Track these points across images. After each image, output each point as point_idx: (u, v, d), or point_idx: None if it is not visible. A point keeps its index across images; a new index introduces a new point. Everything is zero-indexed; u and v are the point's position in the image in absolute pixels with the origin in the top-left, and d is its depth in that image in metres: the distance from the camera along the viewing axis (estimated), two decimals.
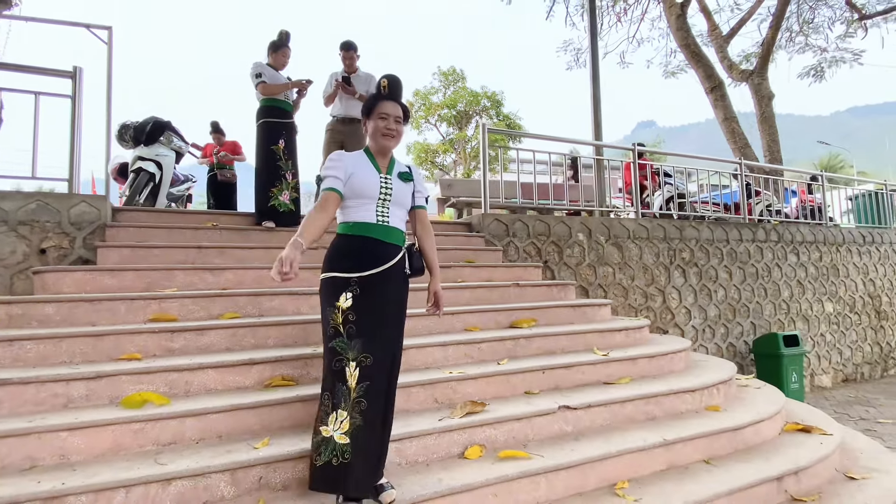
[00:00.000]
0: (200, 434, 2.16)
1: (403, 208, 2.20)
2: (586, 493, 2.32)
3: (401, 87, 2.23)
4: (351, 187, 2.08)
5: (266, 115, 4.24)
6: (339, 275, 2.00)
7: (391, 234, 2.11)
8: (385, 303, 2.03)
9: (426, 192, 2.36)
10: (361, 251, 2.04)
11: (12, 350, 2.39)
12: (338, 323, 1.96)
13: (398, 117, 2.16)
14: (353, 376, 1.90)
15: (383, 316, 2.02)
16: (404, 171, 2.22)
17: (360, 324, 1.95)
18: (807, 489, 2.55)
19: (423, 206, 2.30)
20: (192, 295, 2.93)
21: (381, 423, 1.98)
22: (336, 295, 1.98)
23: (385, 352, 2.00)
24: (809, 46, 12.40)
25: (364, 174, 2.10)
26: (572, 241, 5.23)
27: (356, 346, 1.93)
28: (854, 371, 7.17)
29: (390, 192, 2.12)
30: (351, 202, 2.10)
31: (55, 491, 1.75)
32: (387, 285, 2.04)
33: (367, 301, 1.97)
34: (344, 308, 1.96)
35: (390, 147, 2.17)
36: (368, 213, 2.08)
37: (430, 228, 2.32)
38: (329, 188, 2.08)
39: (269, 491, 2.01)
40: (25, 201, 3.41)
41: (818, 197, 7.80)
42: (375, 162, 2.16)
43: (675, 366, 3.40)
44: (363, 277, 1.99)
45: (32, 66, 3.72)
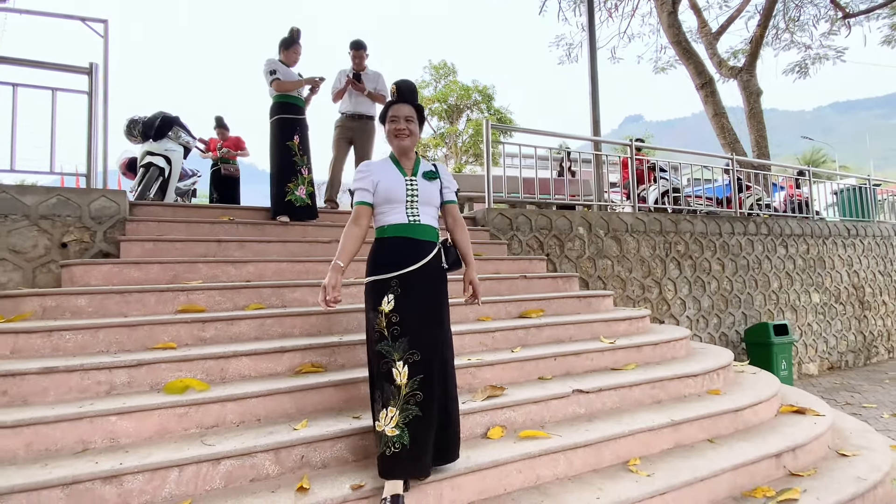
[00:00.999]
0: (241, 417, 2.28)
1: (433, 206, 2.26)
2: (602, 469, 2.48)
3: (412, 90, 2.29)
4: (379, 193, 2.17)
5: (280, 111, 4.32)
6: (379, 277, 2.08)
7: (424, 232, 2.18)
8: (426, 298, 2.11)
9: (454, 186, 2.41)
10: (398, 251, 2.12)
11: (52, 340, 2.48)
12: (382, 327, 2.04)
13: (408, 117, 2.21)
14: (402, 374, 1.99)
15: (426, 311, 2.09)
16: (429, 170, 2.29)
17: (404, 323, 2.03)
18: (803, 465, 2.74)
19: (452, 200, 2.37)
20: (218, 287, 3.03)
21: (442, 410, 2.07)
22: (379, 298, 2.06)
23: (432, 344, 2.07)
24: (795, 43, 12.71)
25: (390, 179, 2.18)
26: (573, 234, 5.39)
27: (401, 346, 2.01)
28: (839, 359, 7.47)
29: (416, 192, 2.19)
30: (382, 207, 2.18)
31: (113, 470, 1.86)
32: (425, 281, 2.12)
33: (408, 300, 2.05)
34: (387, 311, 2.04)
35: (406, 146, 2.22)
36: (399, 215, 2.16)
37: (461, 221, 2.38)
38: (359, 202, 2.19)
39: (310, 469, 2.13)
40: (46, 196, 3.46)
41: (805, 191, 8.07)
42: (400, 165, 2.23)
43: (677, 353, 3.58)
44: (402, 276, 2.07)
45: (49, 63, 3.76)
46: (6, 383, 2.18)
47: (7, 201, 3.36)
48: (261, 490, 1.98)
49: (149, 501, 1.89)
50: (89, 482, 1.83)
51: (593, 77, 6.69)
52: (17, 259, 3.34)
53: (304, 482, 1.98)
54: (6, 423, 1.96)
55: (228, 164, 6.43)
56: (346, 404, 2.49)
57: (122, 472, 1.87)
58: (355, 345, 2.78)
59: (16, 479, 1.78)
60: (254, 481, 2.05)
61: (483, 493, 2.21)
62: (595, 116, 6.53)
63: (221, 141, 6.55)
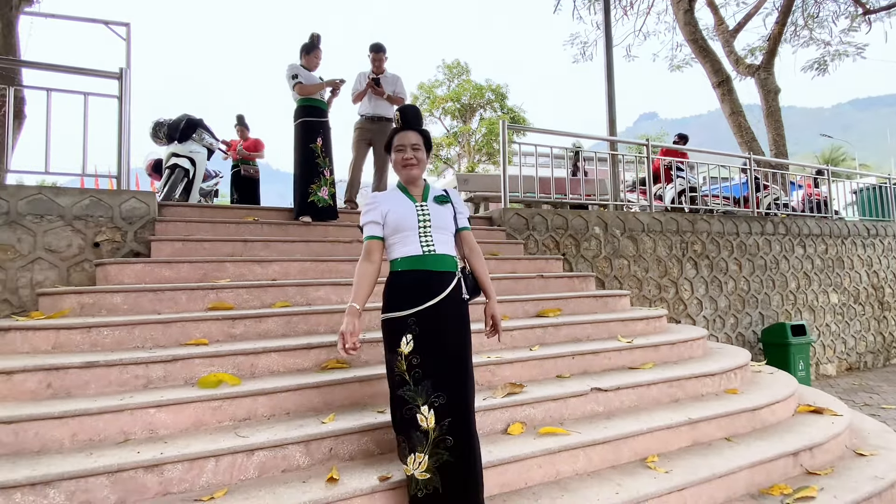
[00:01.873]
0: (271, 411, 2.37)
1: (448, 232, 2.14)
2: (620, 465, 2.53)
3: (417, 116, 2.19)
4: (389, 224, 2.06)
5: (304, 114, 4.43)
6: (396, 314, 1.98)
7: (441, 262, 2.05)
8: (448, 334, 1.99)
9: (467, 212, 2.31)
10: (414, 286, 2.00)
11: (90, 336, 2.59)
12: (402, 370, 1.94)
13: (414, 145, 2.11)
14: (429, 419, 1.90)
15: (449, 349, 1.98)
16: (440, 194, 2.18)
17: (425, 365, 1.93)
18: (820, 464, 2.77)
19: (466, 227, 2.25)
20: (245, 285, 3.13)
21: (469, 452, 1.93)
22: (396, 338, 1.97)
23: (457, 383, 1.96)
24: (813, 40, 12.53)
25: (399, 207, 2.08)
26: (589, 234, 5.43)
27: (425, 390, 1.91)
28: (857, 360, 7.39)
29: (428, 217, 2.08)
30: (394, 238, 2.07)
31: (154, 460, 1.96)
32: (446, 316, 2.00)
33: (429, 339, 1.95)
34: (406, 353, 1.94)
35: (415, 176, 2.13)
36: (413, 244, 2.04)
37: (478, 249, 2.25)
38: (369, 237, 2.09)
39: (338, 461, 2.22)
40: (80, 197, 3.60)
41: (824, 190, 7.99)
42: (409, 193, 2.14)
43: (694, 352, 3.61)
44: (420, 312, 1.96)
45: (80, 68, 3.89)
46: (50, 377, 2.30)
47: (43, 202, 3.50)
48: (292, 480, 2.07)
49: (188, 489, 1.99)
50: (132, 470, 1.93)
51: (609, 76, 6.69)
52: (53, 258, 3.48)
53: (334, 473, 2.06)
54: (53, 414, 2.07)
55: (248, 165, 6.57)
56: (370, 399, 2.57)
57: (162, 462, 1.96)
58: (378, 342, 2.83)
59: (64, 466, 1.89)
60: (285, 472, 2.14)
61: (504, 486, 2.28)
62: (611, 115, 6.55)
63: (241, 140, 6.70)
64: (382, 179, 5.32)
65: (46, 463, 1.91)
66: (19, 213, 3.41)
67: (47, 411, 2.07)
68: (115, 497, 1.90)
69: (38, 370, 2.26)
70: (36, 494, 1.82)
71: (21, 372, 2.24)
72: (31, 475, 1.81)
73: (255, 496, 1.94)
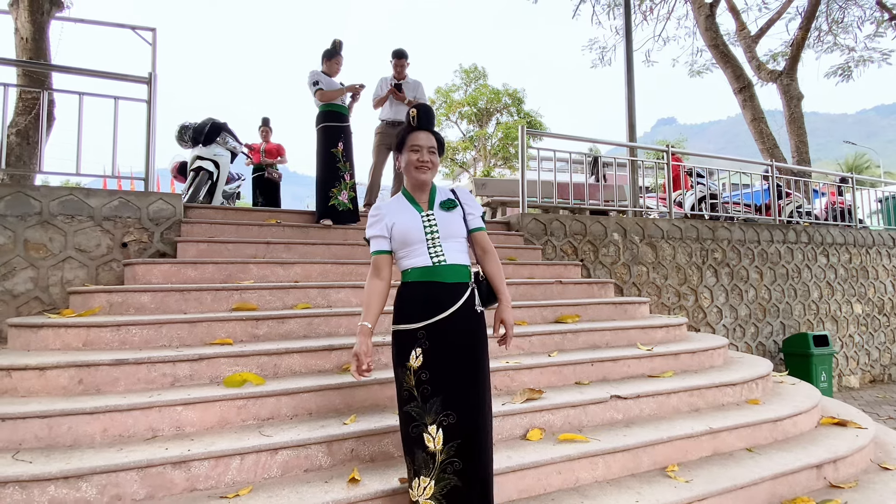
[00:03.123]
0: (294, 411, 2.41)
1: (458, 239, 2.02)
2: (639, 474, 2.52)
3: (433, 117, 2.09)
4: (395, 237, 1.97)
5: (325, 119, 4.50)
6: (405, 327, 1.90)
7: (452, 273, 1.94)
8: (460, 349, 1.89)
9: (479, 209, 2.16)
10: (424, 298, 1.91)
11: (119, 334, 2.66)
12: (411, 386, 1.85)
13: (431, 148, 2.00)
14: (437, 439, 1.80)
15: (461, 365, 1.88)
16: (446, 199, 2.05)
17: (435, 381, 1.83)
18: (844, 477, 2.72)
19: (479, 227, 2.11)
20: (268, 287, 3.19)
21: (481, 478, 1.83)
22: (405, 352, 1.88)
23: (469, 402, 1.85)
24: (838, 46, 12.32)
25: (405, 219, 1.97)
26: (608, 240, 5.40)
27: (434, 408, 1.82)
28: (882, 372, 7.23)
29: (436, 227, 1.96)
30: (402, 251, 1.98)
31: (182, 456, 2.00)
32: (458, 330, 1.90)
33: (439, 354, 1.85)
34: (415, 367, 1.85)
35: (426, 180, 2.01)
36: (422, 256, 1.94)
37: (492, 251, 2.11)
38: (376, 252, 1.99)
39: (359, 462, 2.24)
40: (109, 198, 3.69)
41: (848, 198, 7.84)
42: (414, 200, 2.02)
43: (714, 361, 3.58)
44: (430, 326, 1.87)
45: (111, 72, 4.00)
46: (81, 373, 2.36)
47: (74, 203, 3.60)
48: (314, 480, 2.10)
49: (213, 486, 2.03)
50: (161, 466, 1.98)
51: (629, 81, 6.67)
52: (83, 257, 3.58)
53: (356, 474, 2.09)
54: (85, 410, 2.13)
55: (272, 168, 6.69)
56: (390, 401, 2.59)
57: (190, 459, 2.01)
58: None
59: (96, 461, 1.94)
60: (308, 471, 2.17)
61: (523, 491, 2.28)
62: (631, 121, 6.52)
63: (264, 142, 6.83)
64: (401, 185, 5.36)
65: (79, 457, 1.97)
66: (51, 214, 3.52)
67: (79, 407, 2.13)
68: (144, 492, 1.95)
69: (70, 366, 2.33)
70: (69, 487, 1.87)
71: (54, 368, 2.31)
72: (64, 468, 1.87)
73: (278, 495, 1.98)
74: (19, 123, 5.62)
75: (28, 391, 2.29)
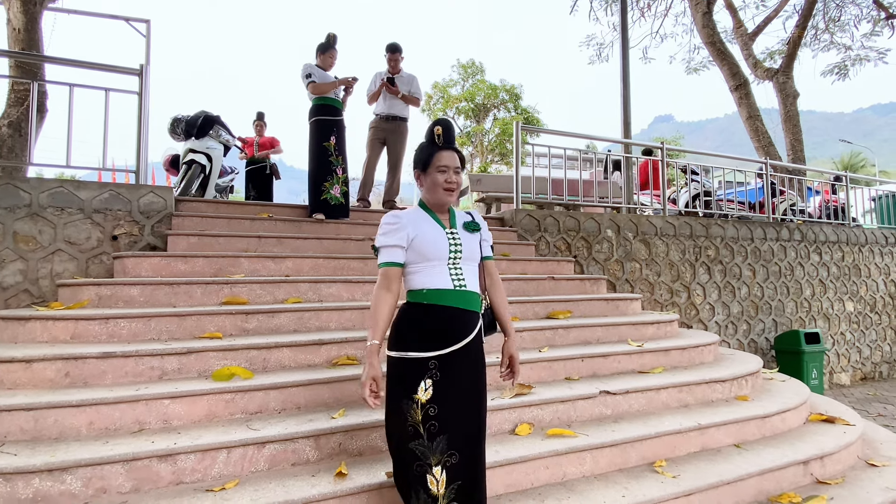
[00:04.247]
0: (282, 405, 2.41)
1: (476, 263, 1.95)
2: (627, 469, 2.53)
3: (454, 132, 2.00)
4: (417, 250, 1.83)
5: (318, 113, 4.48)
6: (415, 355, 1.74)
7: (471, 301, 1.86)
8: (467, 383, 1.80)
9: (491, 237, 2.12)
10: (440, 324, 1.78)
11: (108, 327, 2.65)
12: (417, 421, 1.70)
13: (457, 168, 1.91)
14: (440, 482, 1.68)
15: (466, 400, 1.79)
16: (468, 220, 1.97)
17: (442, 418, 1.70)
18: (831, 473, 2.74)
19: (490, 256, 2.06)
20: (259, 280, 3.17)
21: None
22: (412, 383, 1.73)
23: (472, 441, 1.77)
24: (834, 44, 12.34)
25: (429, 233, 1.85)
26: (601, 236, 5.41)
27: (440, 447, 1.70)
28: (873, 370, 7.28)
29: (460, 248, 1.87)
30: (418, 266, 1.84)
31: (168, 449, 2.00)
32: (469, 362, 1.81)
33: (449, 387, 1.74)
34: (424, 401, 1.71)
35: (451, 202, 1.94)
36: (442, 276, 1.82)
37: (499, 280, 2.07)
38: (389, 263, 1.83)
39: (347, 456, 2.24)
40: (99, 191, 3.67)
41: (841, 197, 7.87)
42: (436, 217, 1.92)
43: (704, 358, 3.59)
44: (445, 356, 1.75)
45: (102, 64, 3.97)
46: (68, 366, 2.35)
47: (64, 195, 3.58)
48: (302, 474, 2.10)
49: (200, 479, 2.03)
50: (147, 459, 1.97)
51: (625, 78, 6.66)
52: (72, 250, 3.55)
53: (343, 468, 2.09)
54: (71, 403, 2.12)
55: (266, 163, 6.66)
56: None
57: (176, 452, 2.01)
58: None
59: (81, 453, 1.93)
60: (295, 465, 2.17)
61: (511, 486, 2.29)
62: (626, 118, 6.51)
63: (258, 136, 6.79)
64: (395, 179, 5.35)
65: (64, 450, 1.96)
66: (41, 206, 3.49)
67: (66, 399, 2.12)
68: (130, 485, 1.95)
69: (57, 359, 2.31)
70: (54, 480, 1.87)
71: (40, 360, 2.30)
72: (49, 461, 1.86)
73: (265, 488, 1.97)
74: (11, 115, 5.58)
75: (14, 384, 2.28)
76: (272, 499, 1.89)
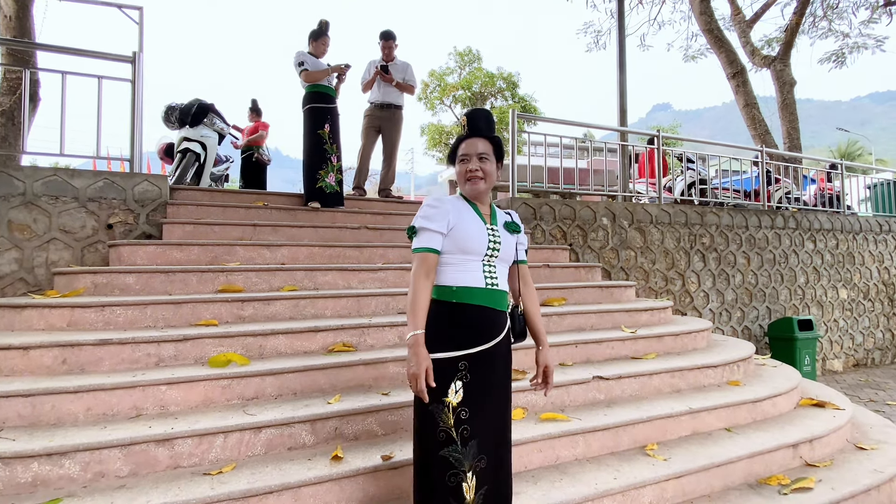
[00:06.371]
0: (278, 391, 2.43)
1: (507, 265, 1.88)
2: (619, 452, 2.57)
3: (489, 121, 1.85)
4: (455, 241, 1.74)
5: (311, 100, 4.46)
6: (445, 355, 1.68)
7: (502, 300, 1.80)
8: (497, 385, 1.76)
9: (527, 243, 2.05)
10: (472, 323, 1.72)
11: (104, 315, 2.66)
12: (449, 426, 1.64)
13: (482, 154, 1.78)
14: (471, 488, 1.63)
15: (496, 402, 1.75)
16: (509, 220, 1.91)
17: (474, 422, 1.65)
18: (820, 456, 2.79)
19: (524, 259, 1.99)
20: (254, 268, 3.19)
21: None
22: (442, 386, 1.66)
23: (501, 442, 1.75)
24: (832, 32, 12.29)
25: (469, 224, 1.76)
26: (597, 225, 5.42)
27: (472, 452, 1.64)
28: (865, 356, 7.35)
29: (499, 246, 1.79)
30: (452, 258, 1.75)
31: (166, 434, 2.02)
32: (498, 362, 1.76)
33: (480, 389, 1.69)
34: (455, 405, 1.65)
35: (481, 191, 1.81)
36: (475, 273, 1.75)
37: (534, 288, 2.00)
38: (428, 249, 1.73)
39: (343, 440, 2.27)
40: (94, 179, 3.66)
41: (837, 185, 7.89)
42: (478, 209, 1.83)
43: (697, 344, 3.63)
44: (475, 355, 1.69)
45: (94, 51, 3.93)
46: (66, 353, 2.36)
47: (59, 184, 3.56)
48: (298, 458, 2.13)
49: (197, 463, 2.06)
50: (144, 444, 2.00)
51: (621, 65, 6.63)
52: (67, 238, 3.55)
53: (339, 452, 2.12)
54: (69, 389, 2.14)
55: (258, 150, 6.62)
56: (374, 382, 2.62)
57: (173, 437, 2.03)
58: (384, 327, 2.91)
59: (79, 438, 1.96)
60: (291, 449, 2.20)
61: None
62: (622, 106, 6.50)
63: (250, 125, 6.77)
64: (391, 167, 5.33)
65: (62, 435, 1.99)
66: (35, 194, 3.48)
67: (63, 385, 2.14)
68: (128, 469, 1.97)
69: (54, 346, 2.33)
70: (52, 464, 1.89)
71: (38, 347, 2.31)
72: (47, 446, 1.89)
73: (261, 471, 2.00)
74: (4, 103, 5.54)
75: (12, 370, 2.29)
76: (269, 482, 1.92)
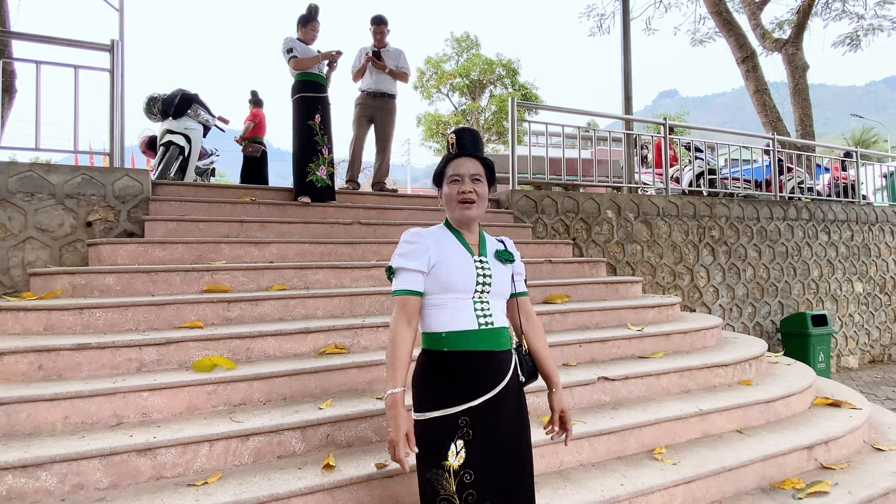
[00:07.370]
0: (267, 396, 2.32)
1: (503, 299, 1.67)
2: (626, 456, 2.45)
3: (476, 140, 1.69)
4: (438, 279, 1.56)
5: (301, 89, 4.28)
6: (440, 413, 1.50)
7: (500, 340, 1.59)
8: (507, 437, 1.55)
9: (524, 272, 1.83)
10: (471, 372, 1.53)
11: (83, 318, 2.56)
12: (451, 493, 1.45)
13: (475, 175, 1.61)
14: None
15: (509, 458, 1.55)
16: (500, 248, 1.70)
17: (481, 483, 1.47)
18: (836, 458, 2.66)
19: (525, 291, 1.78)
20: (241, 267, 3.08)
21: None
22: (441, 447, 1.48)
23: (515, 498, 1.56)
24: (846, 13, 11.94)
25: (454, 259, 1.58)
26: (601, 218, 5.27)
27: None
28: (882, 352, 7.17)
29: (489, 280, 1.60)
30: (437, 298, 1.57)
31: (148, 443, 1.92)
32: (506, 411, 1.56)
33: (486, 445, 1.50)
34: (457, 468, 1.46)
35: (473, 217, 1.63)
36: (466, 314, 1.56)
37: (537, 321, 1.77)
38: (408, 291, 1.56)
39: (335, 447, 2.16)
40: (71, 175, 3.53)
41: (851, 174, 7.67)
42: (464, 240, 1.65)
43: (707, 342, 3.49)
44: (474, 409, 1.50)
45: (71, 40, 3.80)
46: (42, 358, 2.26)
47: (34, 180, 3.44)
48: (288, 466, 2.02)
49: (181, 474, 1.95)
50: (125, 454, 1.89)
51: (626, 50, 6.42)
52: (44, 237, 3.44)
53: (331, 460, 2.01)
54: (45, 396, 2.04)
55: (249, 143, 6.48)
56: (368, 385, 2.51)
57: (155, 446, 1.93)
58: (378, 327, 2.79)
59: (56, 449, 1.85)
60: (281, 458, 2.09)
61: None
62: (627, 93, 6.31)
63: None
64: (385, 159, 5.16)
65: (38, 445, 1.89)
66: (9, 191, 3.35)
67: (39, 393, 2.04)
68: (108, 480, 1.87)
69: (30, 351, 2.23)
70: (28, 476, 1.79)
71: (12, 353, 2.21)
72: (22, 457, 1.78)
73: (249, 482, 1.90)
74: None
75: None
76: (257, 493, 1.82)
